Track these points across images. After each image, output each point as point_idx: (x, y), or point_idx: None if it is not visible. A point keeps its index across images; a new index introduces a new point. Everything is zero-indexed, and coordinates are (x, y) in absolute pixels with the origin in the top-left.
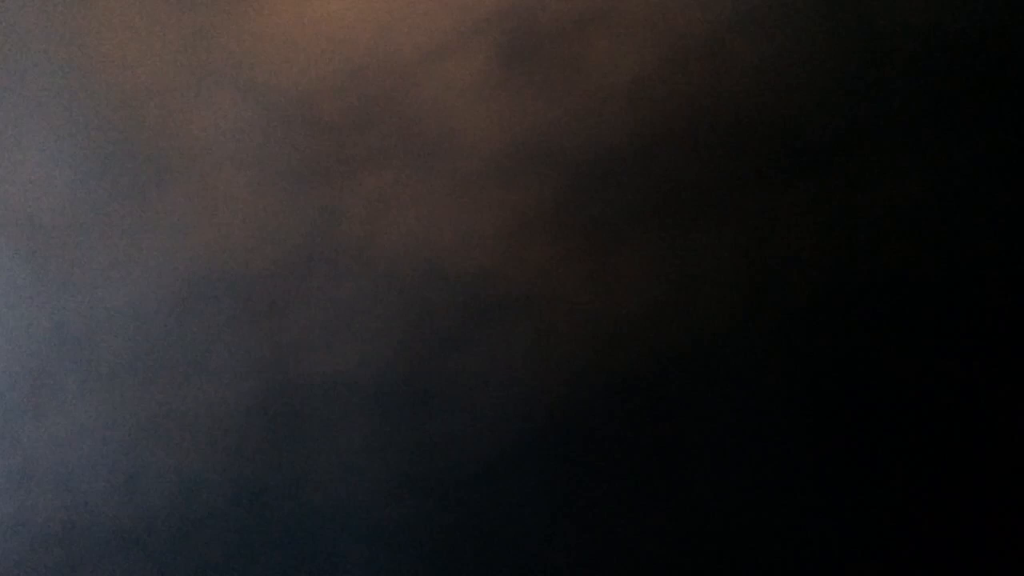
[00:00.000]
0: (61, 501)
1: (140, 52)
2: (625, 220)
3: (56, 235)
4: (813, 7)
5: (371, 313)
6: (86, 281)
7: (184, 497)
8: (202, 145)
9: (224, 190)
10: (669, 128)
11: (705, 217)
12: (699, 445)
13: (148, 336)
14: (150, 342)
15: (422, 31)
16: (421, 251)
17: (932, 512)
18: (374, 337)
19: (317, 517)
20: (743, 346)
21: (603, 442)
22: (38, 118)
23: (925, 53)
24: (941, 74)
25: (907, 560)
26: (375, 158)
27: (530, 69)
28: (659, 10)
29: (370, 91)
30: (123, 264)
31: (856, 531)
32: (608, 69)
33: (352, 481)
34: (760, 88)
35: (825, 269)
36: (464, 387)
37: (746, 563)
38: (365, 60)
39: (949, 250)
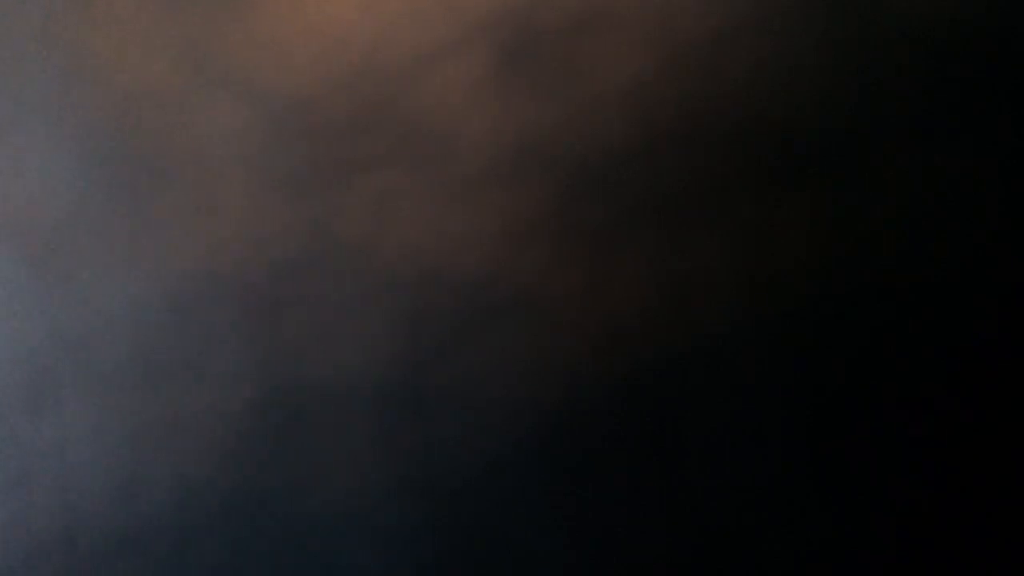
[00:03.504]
0: (60, 505)
1: (139, 56)
2: (624, 223)
3: (54, 238)
4: (811, 10)
5: (370, 316)
6: (84, 284)
7: (183, 501)
8: (201, 148)
9: (223, 193)
10: (668, 130)
11: (703, 219)
12: (697, 447)
13: (147, 339)
14: (149, 345)
15: (420, 34)
16: (420, 254)
17: (931, 512)
18: (373, 340)
19: (316, 520)
20: (741, 348)
21: (602, 444)
22: (36, 122)
23: (924, 56)
24: (940, 77)
25: (907, 560)
26: (373, 161)
27: (528, 72)
28: (657, 12)
29: (368, 94)
30: (121, 267)
31: (855, 531)
32: (607, 72)
33: (352, 484)
34: (759, 90)
35: (823, 271)
36: (463, 390)
37: (745, 563)
38: (363, 63)
39: (948, 252)
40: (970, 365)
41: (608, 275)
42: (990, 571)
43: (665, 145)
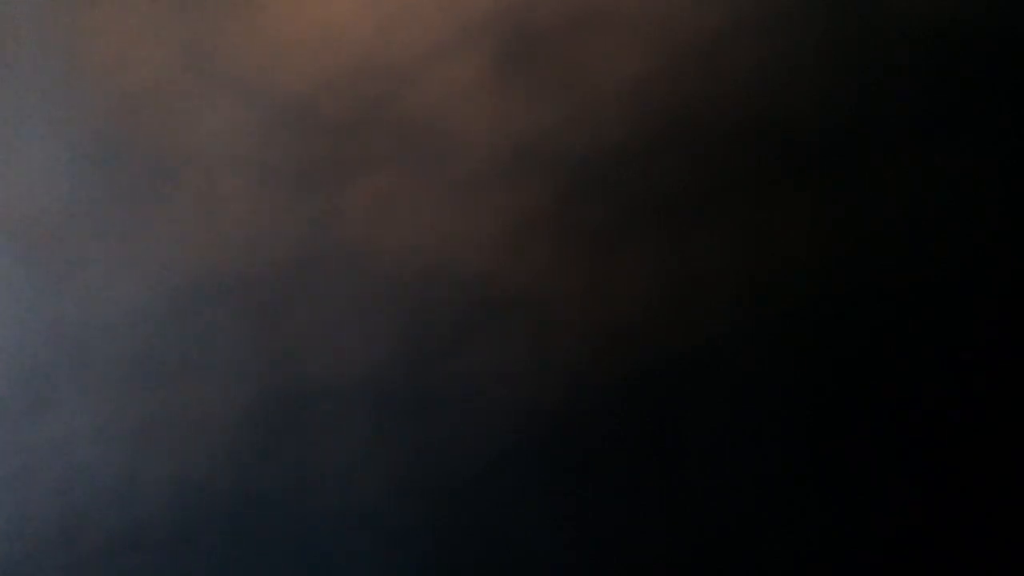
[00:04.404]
0: (60, 503)
1: (137, 55)
2: (624, 222)
3: (54, 238)
4: (811, 10)
5: (370, 315)
6: (84, 284)
7: (183, 500)
8: (200, 148)
9: (222, 193)
10: (668, 130)
11: (704, 219)
12: (698, 446)
13: (147, 339)
14: (149, 345)
15: (420, 33)
16: (420, 253)
17: (931, 512)
18: (373, 339)
19: (317, 520)
20: (742, 347)
21: (603, 443)
22: (36, 121)
23: (924, 56)
24: (940, 77)
25: (907, 560)
26: (373, 160)
27: (528, 71)
28: (657, 12)
29: (368, 93)
30: (122, 267)
31: (855, 531)
32: (606, 71)
33: (352, 484)
34: (759, 90)
35: (823, 271)
36: (464, 389)
37: (745, 563)
38: (363, 62)
39: (948, 252)
40: (970, 365)
41: (608, 275)
42: (990, 571)
43: (665, 145)
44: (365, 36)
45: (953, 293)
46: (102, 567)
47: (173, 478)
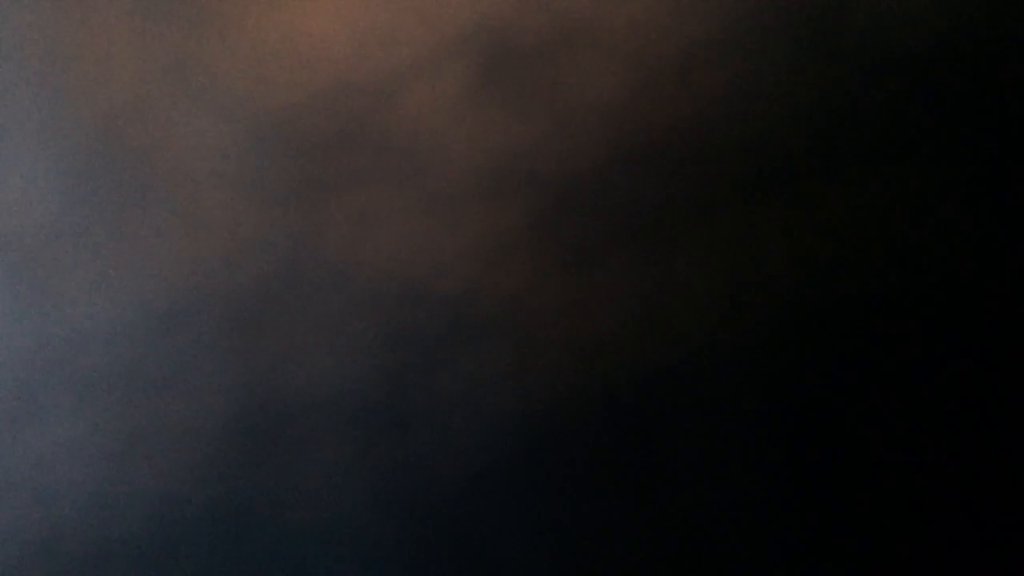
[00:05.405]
0: (40, 517)
1: (121, 71)
2: (603, 240)
3: (37, 252)
4: (786, 30)
5: (351, 332)
6: (67, 298)
7: (164, 514)
8: (183, 163)
9: (205, 208)
10: (646, 148)
11: (682, 237)
12: (680, 462)
13: (128, 354)
14: (130, 360)
15: (400, 51)
16: (401, 270)
17: (911, 524)
18: (354, 356)
19: (298, 535)
20: (720, 364)
21: (582, 460)
22: (19, 136)
23: (897, 73)
24: (912, 94)
25: (892, 567)
26: (354, 177)
27: (508, 89)
28: (636, 31)
29: (349, 110)
30: (104, 281)
31: (836, 543)
32: (586, 89)
33: (333, 500)
34: (735, 109)
35: (799, 287)
36: (444, 406)
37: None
38: (344, 80)
39: (923, 267)
40: (949, 380)
41: (589, 291)
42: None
43: (643, 164)
44: (346, 53)
45: (929, 309)
46: None
47: (154, 492)
